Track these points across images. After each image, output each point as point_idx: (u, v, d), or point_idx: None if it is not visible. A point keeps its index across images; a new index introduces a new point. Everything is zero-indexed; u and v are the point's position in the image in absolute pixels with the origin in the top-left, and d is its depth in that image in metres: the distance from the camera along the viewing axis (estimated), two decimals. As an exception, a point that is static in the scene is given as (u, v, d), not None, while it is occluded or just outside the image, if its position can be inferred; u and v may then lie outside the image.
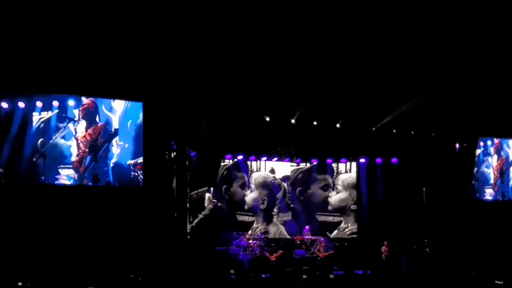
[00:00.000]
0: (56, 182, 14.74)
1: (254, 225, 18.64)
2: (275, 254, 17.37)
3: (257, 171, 18.97)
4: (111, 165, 15.34)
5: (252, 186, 18.74)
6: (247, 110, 16.87)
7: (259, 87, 16.12)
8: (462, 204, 18.37)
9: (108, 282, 13.82)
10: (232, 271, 16.16)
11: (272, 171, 19.00)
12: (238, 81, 15.74)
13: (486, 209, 18.76)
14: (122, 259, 14.67)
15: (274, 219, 18.89)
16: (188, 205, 17.07)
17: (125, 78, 15.28)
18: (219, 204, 18.29)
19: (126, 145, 15.53)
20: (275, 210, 18.95)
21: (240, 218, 18.52)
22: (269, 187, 18.90)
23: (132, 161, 15.51)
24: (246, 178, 18.68)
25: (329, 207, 19.37)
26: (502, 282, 13.75)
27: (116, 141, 15.46)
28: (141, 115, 15.68)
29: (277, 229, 18.78)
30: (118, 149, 15.40)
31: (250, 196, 18.65)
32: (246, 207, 18.63)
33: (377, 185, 19.44)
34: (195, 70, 15.44)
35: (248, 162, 18.96)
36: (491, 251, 17.46)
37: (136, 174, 15.45)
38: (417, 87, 16.92)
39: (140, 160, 15.57)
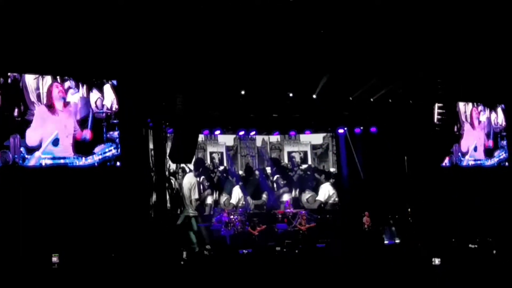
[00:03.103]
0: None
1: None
2: (258, 228, 17.30)
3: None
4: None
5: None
6: (223, 84, 16.59)
7: (234, 60, 15.84)
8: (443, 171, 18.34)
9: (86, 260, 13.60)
10: (208, 246, 16.03)
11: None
12: (212, 55, 15.41)
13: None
14: (100, 236, 14.48)
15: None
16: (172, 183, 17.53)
17: (96, 56, 14.93)
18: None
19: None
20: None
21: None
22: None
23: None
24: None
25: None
26: (476, 246, 13.76)
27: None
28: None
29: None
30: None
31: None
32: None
33: (357, 155, 19.29)
34: (169, 46, 15.08)
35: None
36: (472, 217, 17.53)
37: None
38: (395, 54, 16.75)
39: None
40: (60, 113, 14.80)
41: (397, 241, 17.37)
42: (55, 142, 14.72)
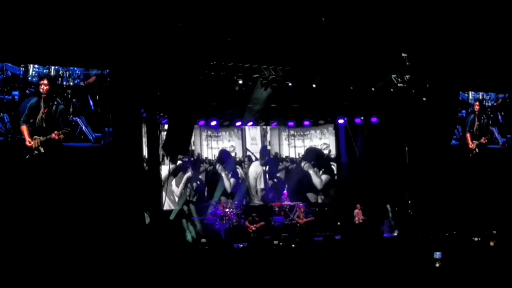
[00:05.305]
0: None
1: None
2: (255, 225, 16.85)
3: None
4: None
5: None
6: (219, 73, 16.16)
7: (231, 49, 15.42)
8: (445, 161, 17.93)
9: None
10: (203, 240, 15.63)
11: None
12: (207, 44, 14.99)
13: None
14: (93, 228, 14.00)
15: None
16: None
17: (90, 45, 14.45)
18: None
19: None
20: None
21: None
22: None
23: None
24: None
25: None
26: (479, 239, 13.36)
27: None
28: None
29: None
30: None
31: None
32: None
33: (357, 146, 18.83)
34: (163, 36, 14.70)
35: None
36: (474, 209, 17.11)
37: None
38: (394, 43, 16.34)
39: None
40: None
41: (396, 234, 17.04)
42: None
